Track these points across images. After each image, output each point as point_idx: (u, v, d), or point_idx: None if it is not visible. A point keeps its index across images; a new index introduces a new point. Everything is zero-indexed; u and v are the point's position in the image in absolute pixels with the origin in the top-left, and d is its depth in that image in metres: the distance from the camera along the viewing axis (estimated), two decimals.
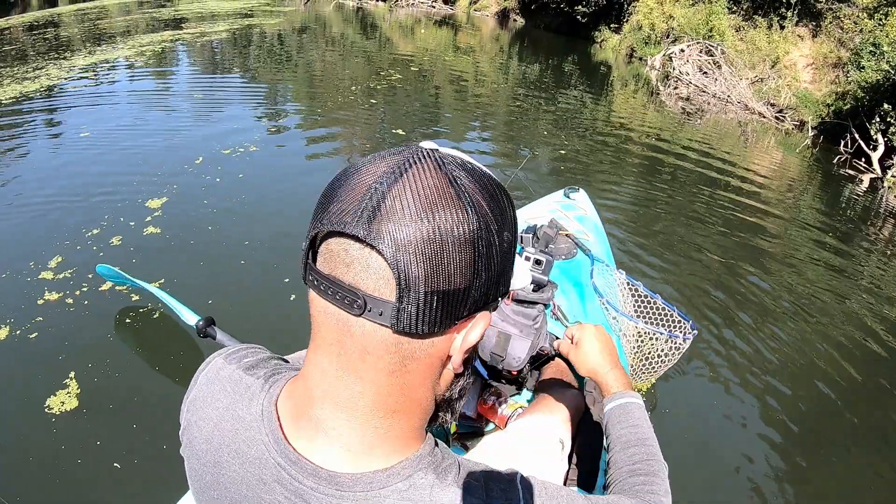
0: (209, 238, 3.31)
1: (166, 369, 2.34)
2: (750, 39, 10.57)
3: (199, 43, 9.93)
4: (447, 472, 0.48)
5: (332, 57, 10.33)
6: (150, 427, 1.99)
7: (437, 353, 0.45)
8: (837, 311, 3.44)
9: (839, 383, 2.78)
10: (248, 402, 0.51)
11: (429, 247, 0.38)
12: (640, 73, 11.49)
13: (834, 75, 9.22)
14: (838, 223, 5.07)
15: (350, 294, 0.40)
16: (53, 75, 6.90)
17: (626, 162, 5.91)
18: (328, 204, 0.42)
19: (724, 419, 2.49)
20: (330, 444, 0.47)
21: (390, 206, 0.39)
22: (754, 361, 2.84)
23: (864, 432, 2.55)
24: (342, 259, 0.41)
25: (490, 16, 19.25)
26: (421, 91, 8.25)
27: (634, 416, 0.89)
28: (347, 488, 0.45)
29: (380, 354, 0.43)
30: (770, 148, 7.61)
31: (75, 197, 3.66)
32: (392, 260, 0.38)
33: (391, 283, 0.39)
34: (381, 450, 0.47)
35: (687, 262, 3.78)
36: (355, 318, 0.41)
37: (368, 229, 0.39)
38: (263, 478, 0.48)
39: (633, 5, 13.36)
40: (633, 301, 2.18)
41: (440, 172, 0.41)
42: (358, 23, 16.11)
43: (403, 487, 0.46)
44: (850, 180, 6.55)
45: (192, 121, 5.60)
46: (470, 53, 12.41)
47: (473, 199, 0.41)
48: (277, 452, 0.47)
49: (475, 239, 0.40)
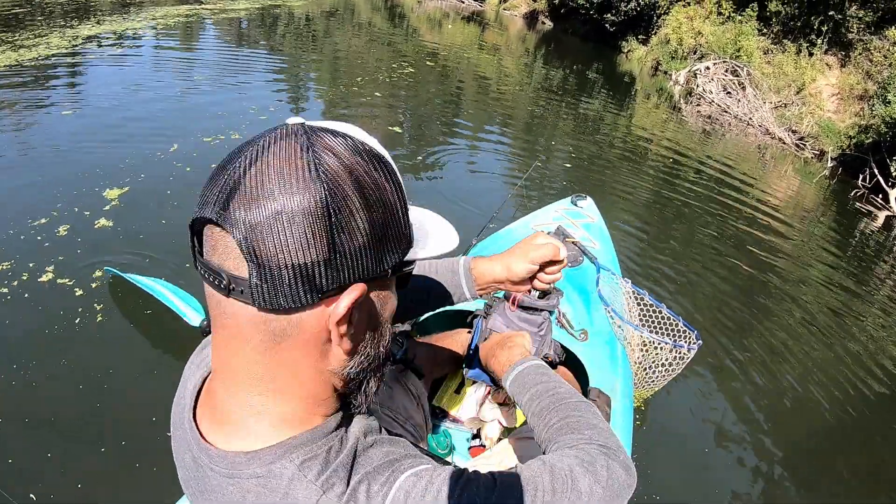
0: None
1: (171, 369, 2.29)
2: (777, 63, 10.50)
3: (213, 21, 9.94)
4: (318, 464, 0.46)
5: (357, 43, 10.33)
6: (155, 426, 1.97)
7: (310, 329, 0.44)
8: (839, 344, 3.43)
9: (835, 417, 2.79)
10: (198, 379, 0.55)
11: (277, 223, 0.39)
12: (664, 87, 11.43)
13: (859, 107, 9.14)
14: (849, 257, 5.05)
15: (217, 275, 0.41)
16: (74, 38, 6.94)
17: (641, 174, 5.89)
18: (205, 186, 0.43)
19: (721, 434, 2.51)
20: (213, 415, 0.50)
21: (243, 188, 0.39)
22: (755, 381, 2.86)
23: (856, 465, 2.57)
24: (209, 243, 0.42)
25: (518, 16, 19.17)
26: (443, 85, 8.25)
27: (528, 380, 0.82)
28: (215, 462, 0.47)
29: (251, 333, 0.43)
30: (787, 175, 7.56)
31: (77, 196, 3.41)
32: (242, 239, 0.39)
33: (244, 261, 0.40)
34: (254, 429, 0.47)
35: (695, 277, 3.79)
36: (226, 299, 0.42)
37: (221, 213, 0.40)
38: (188, 442, 0.51)
39: (662, 18, 13.28)
40: (639, 310, 2.18)
41: (297, 147, 0.41)
42: (386, 11, 16.09)
43: (261, 473, 0.45)
44: (866, 216, 6.50)
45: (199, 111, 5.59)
46: (495, 52, 12.39)
47: (331, 172, 0.40)
48: (188, 422, 0.52)
49: (328, 213, 0.39)
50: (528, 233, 2.31)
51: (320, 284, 0.41)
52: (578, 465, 0.58)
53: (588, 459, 0.59)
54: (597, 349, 1.82)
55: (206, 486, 0.49)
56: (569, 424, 0.68)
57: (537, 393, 0.77)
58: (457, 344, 1.77)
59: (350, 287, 0.43)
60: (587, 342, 1.82)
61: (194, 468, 0.50)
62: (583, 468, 0.57)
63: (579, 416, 0.69)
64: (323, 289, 0.41)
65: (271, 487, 0.45)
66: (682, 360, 1.94)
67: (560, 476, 0.55)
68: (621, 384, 1.77)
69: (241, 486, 0.46)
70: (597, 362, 1.77)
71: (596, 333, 1.87)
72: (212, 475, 0.47)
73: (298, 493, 0.44)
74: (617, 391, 1.73)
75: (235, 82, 6.25)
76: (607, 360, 1.81)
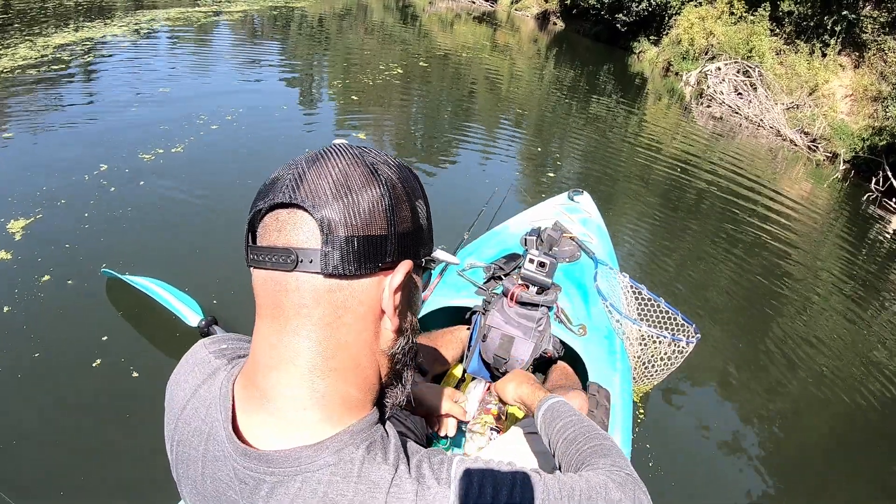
0: (212, 232, 3.27)
1: (169, 370, 2.31)
2: (790, 64, 10.41)
3: (221, 22, 10.01)
4: (380, 448, 0.49)
5: (370, 43, 10.40)
6: (151, 425, 1.97)
7: (368, 301, 0.48)
8: (846, 346, 3.42)
9: (837, 417, 2.79)
10: (210, 383, 0.55)
11: (344, 199, 0.45)
12: (675, 88, 11.38)
13: (872, 109, 9.04)
14: (859, 261, 5.01)
15: (284, 253, 0.45)
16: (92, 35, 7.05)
17: (647, 173, 5.88)
18: (261, 192, 0.48)
19: (721, 430, 2.52)
20: (269, 415, 0.49)
21: (311, 176, 0.46)
22: (756, 377, 2.87)
23: (856, 466, 2.56)
24: (274, 227, 0.46)
25: (530, 16, 19.16)
26: (455, 84, 8.28)
27: (563, 411, 0.90)
28: (278, 465, 0.47)
29: (315, 305, 0.46)
30: (799, 177, 7.50)
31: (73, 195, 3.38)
32: (314, 212, 0.45)
33: (316, 233, 0.45)
34: (315, 417, 0.48)
35: (695, 273, 3.80)
36: (290, 275, 0.46)
37: (293, 194, 0.45)
38: (217, 455, 0.50)
39: (674, 18, 13.22)
40: (637, 304, 2.19)
41: (352, 155, 0.48)
42: (398, 11, 16.16)
43: (332, 461, 0.47)
44: (878, 220, 6.42)
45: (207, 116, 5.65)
46: (507, 53, 12.40)
47: (381, 171, 0.48)
48: (225, 431, 0.50)
49: (385, 197, 0.47)
50: (525, 230, 2.33)
51: (380, 256, 0.47)
52: (612, 482, 0.63)
53: (619, 480, 0.65)
54: (595, 344, 1.83)
55: (258, 496, 0.48)
56: (599, 451, 0.76)
57: (570, 423, 0.86)
58: (456, 340, 1.80)
59: (402, 262, 0.49)
60: (586, 337, 1.83)
61: (237, 483, 0.49)
62: (616, 485, 0.63)
63: (611, 446, 0.77)
64: (385, 258, 0.48)
65: (344, 474, 0.46)
66: (680, 353, 1.95)
67: (596, 487, 0.61)
68: (620, 378, 1.78)
69: (311, 479, 0.46)
70: (595, 357, 1.79)
71: (594, 328, 1.88)
72: (270, 479, 0.47)
73: (372, 475, 0.46)
74: (616, 385, 1.74)
75: (235, 78, 6.34)
76: (606, 355, 1.82)
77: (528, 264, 1.63)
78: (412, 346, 0.55)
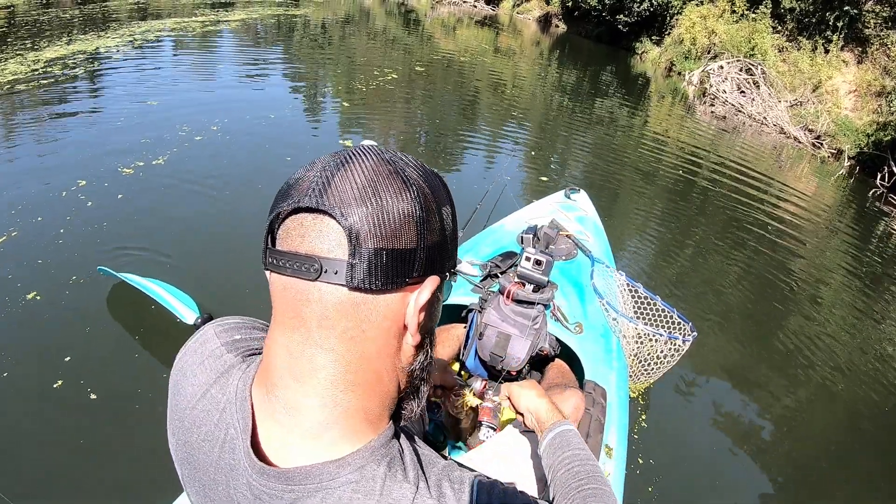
0: (213, 230, 3.31)
1: (166, 368, 2.25)
2: (792, 61, 10.37)
3: (216, 32, 10.09)
4: (399, 465, 0.48)
5: (373, 47, 10.46)
6: (149, 424, 1.99)
7: (392, 316, 0.46)
8: (851, 345, 3.40)
9: (839, 417, 2.78)
10: (224, 383, 0.53)
11: (374, 207, 0.42)
12: (678, 87, 11.36)
13: (877, 104, 8.99)
14: (865, 258, 4.98)
15: (307, 261, 0.43)
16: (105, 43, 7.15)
17: (649, 172, 5.88)
18: (283, 193, 0.45)
19: (718, 428, 2.52)
20: (289, 430, 0.47)
21: (338, 181, 0.43)
22: (754, 375, 2.87)
23: (858, 466, 2.55)
24: (297, 232, 0.44)
25: (532, 19, 19.20)
26: (459, 88, 8.31)
27: (573, 442, 0.91)
28: (298, 482, 0.46)
29: (338, 318, 0.44)
30: (803, 174, 7.46)
31: (70, 196, 3.44)
32: (342, 220, 0.42)
33: (343, 243, 0.42)
34: (337, 432, 0.47)
35: (695, 272, 3.79)
36: (313, 284, 0.44)
37: (319, 199, 0.42)
38: (232, 465, 0.49)
39: (675, 18, 13.21)
40: (633, 302, 2.21)
41: (381, 159, 0.46)
42: (401, 17, 16.24)
43: (354, 479, 0.45)
44: (885, 216, 6.37)
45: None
46: (510, 56, 12.43)
47: (411, 178, 0.46)
48: (243, 445, 0.48)
49: (416, 206, 0.44)
50: (522, 228, 2.34)
51: (408, 271, 0.45)
52: None
53: None
54: (592, 342, 1.85)
55: None
56: (599, 495, 0.81)
57: (577, 456, 0.89)
58: (453, 338, 1.81)
59: (429, 278, 0.47)
60: (582, 335, 1.85)
61: (251, 497, 0.48)
62: None
63: (609, 493, 0.82)
64: (412, 273, 0.45)
65: (366, 491, 0.45)
66: (677, 351, 1.96)
67: None
68: (616, 376, 1.79)
69: (331, 496, 0.45)
70: (592, 355, 1.80)
71: (591, 326, 1.90)
72: (288, 496, 0.46)
73: (394, 493, 0.45)
74: (612, 383, 1.76)
75: (240, 83, 6.41)
76: (602, 353, 1.83)
77: (525, 262, 1.64)
78: (429, 362, 0.53)
